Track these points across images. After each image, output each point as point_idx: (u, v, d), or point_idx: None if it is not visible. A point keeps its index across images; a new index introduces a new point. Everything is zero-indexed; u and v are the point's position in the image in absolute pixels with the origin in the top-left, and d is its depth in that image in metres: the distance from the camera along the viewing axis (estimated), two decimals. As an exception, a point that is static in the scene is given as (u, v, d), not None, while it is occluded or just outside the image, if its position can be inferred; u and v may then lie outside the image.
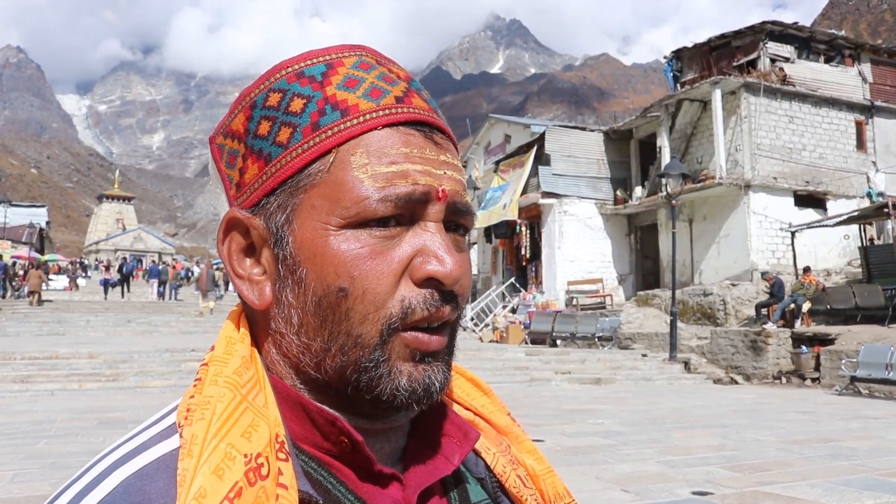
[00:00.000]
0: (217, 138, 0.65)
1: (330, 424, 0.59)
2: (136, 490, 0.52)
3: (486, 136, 34.24)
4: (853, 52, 25.74)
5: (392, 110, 0.60)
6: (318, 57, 0.62)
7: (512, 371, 15.14)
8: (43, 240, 67.70)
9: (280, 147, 0.59)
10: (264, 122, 0.60)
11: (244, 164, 0.61)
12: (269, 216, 0.60)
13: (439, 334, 0.60)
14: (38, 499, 5.16)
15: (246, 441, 0.54)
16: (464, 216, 0.63)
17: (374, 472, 0.60)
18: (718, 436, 8.03)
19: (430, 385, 0.60)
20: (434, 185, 0.59)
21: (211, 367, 0.59)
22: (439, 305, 0.59)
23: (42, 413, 9.76)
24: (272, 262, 0.61)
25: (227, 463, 0.52)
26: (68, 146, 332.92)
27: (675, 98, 24.20)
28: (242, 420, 0.55)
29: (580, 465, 6.58)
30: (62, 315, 24.89)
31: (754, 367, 16.09)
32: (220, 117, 0.64)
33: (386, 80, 0.61)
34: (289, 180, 0.59)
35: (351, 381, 0.59)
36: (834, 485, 5.79)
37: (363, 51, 0.64)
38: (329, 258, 0.58)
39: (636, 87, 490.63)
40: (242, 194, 0.62)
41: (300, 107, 0.59)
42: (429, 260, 0.59)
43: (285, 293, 0.60)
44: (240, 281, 0.62)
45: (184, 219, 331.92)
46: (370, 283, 0.57)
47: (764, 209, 21.77)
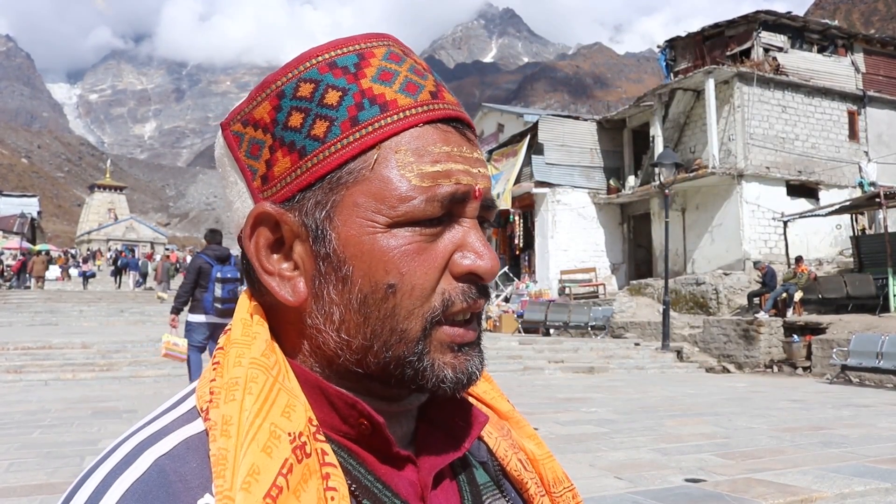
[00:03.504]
0: (233, 125, 0.63)
1: (350, 408, 0.60)
2: (172, 471, 0.53)
3: (480, 126, 34.21)
4: (846, 41, 25.77)
5: (430, 107, 0.60)
6: (347, 46, 0.61)
7: (505, 360, 15.19)
8: (34, 230, 67.43)
9: (317, 141, 0.58)
10: (296, 113, 0.59)
11: (272, 157, 0.60)
12: (307, 212, 0.60)
13: (473, 326, 0.62)
14: (33, 488, 5.16)
15: (287, 420, 0.55)
16: (490, 210, 0.65)
17: (391, 454, 0.61)
18: (711, 424, 8.09)
19: (473, 373, 0.62)
20: (473, 185, 0.60)
21: (231, 349, 0.59)
22: (476, 298, 0.61)
23: (36, 403, 9.74)
24: (308, 259, 0.60)
25: (273, 441, 0.53)
26: (59, 136, 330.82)
27: (668, 87, 24.20)
28: (279, 400, 0.56)
29: (574, 453, 6.62)
30: (55, 305, 24.83)
31: (746, 355, 16.17)
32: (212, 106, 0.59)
33: (417, 73, 0.62)
34: (327, 176, 0.59)
35: (395, 375, 0.60)
36: (825, 472, 5.84)
37: (389, 40, 0.64)
38: (378, 255, 0.58)
39: (629, 76, 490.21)
40: (270, 187, 0.61)
41: (336, 99, 0.59)
42: (468, 255, 0.60)
43: (327, 290, 0.59)
44: (269, 277, 0.61)
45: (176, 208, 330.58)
46: (418, 279, 0.58)
47: (756, 199, 21.83)
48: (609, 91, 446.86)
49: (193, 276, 8.40)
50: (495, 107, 35.78)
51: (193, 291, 8.42)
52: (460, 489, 0.67)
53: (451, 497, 0.65)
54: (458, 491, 0.66)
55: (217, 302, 8.23)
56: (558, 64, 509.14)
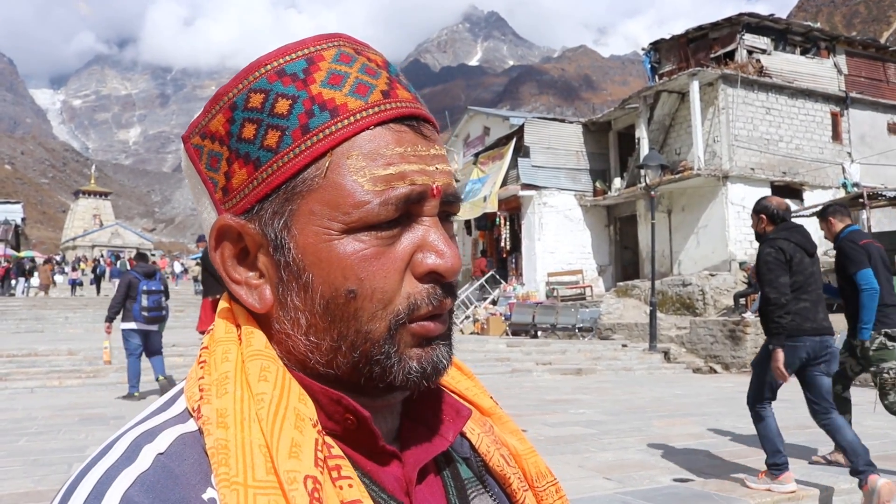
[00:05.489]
0: (192, 138, 0.63)
1: (335, 403, 0.60)
2: (174, 468, 0.54)
3: (465, 129, 34.22)
4: (829, 43, 25.96)
5: (381, 107, 0.59)
6: (296, 52, 0.61)
7: (493, 362, 15.19)
8: (19, 237, 66.84)
9: (269, 151, 0.58)
10: (248, 124, 0.59)
11: (230, 169, 0.60)
12: (265, 222, 0.60)
13: (441, 320, 0.62)
14: (20, 496, 5.13)
15: (304, 406, 0.57)
16: (452, 205, 0.64)
17: (377, 449, 0.61)
18: (698, 424, 8.13)
19: (438, 363, 0.62)
20: (429, 184, 0.60)
21: (217, 347, 0.60)
22: (442, 298, 0.61)
23: (22, 411, 9.66)
24: (271, 267, 0.61)
25: (300, 423, 0.55)
26: (43, 142, 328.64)
27: (653, 90, 24.31)
28: (293, 387, 0.58)
29: (563, 455, 6.64)
30: (40, 312, 24.64)
31: (733, 356, 16.24)
32: (197, 112, 0.61)
33: (369, 73, 0.61)
34: (282, 186, 0.59)
35: (364, 373, 0.60)
36: (811, 469, 5.89)
37: (340, 40, 0.63)
38: (335, 262, 0.58)
39: (614, 78, 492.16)
40: (231, 199, 0.61)
41: (286, 108, 0.58)
42: (429, 255, 0.60)
43: (290, 297, 0.60)
44: (237, 286, 0.62)
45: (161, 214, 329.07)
46: (378, 283, 0.58)
47: (742, 200, 21.94)
48: (594, 93, 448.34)
49: (124, 289, 9.82)
50: (481, 110, 35.78)
51: (125, 303, 9.82)
52: (445, 484, 0.67)
53: (436, 492, 0.66)
54: (442, 486, 0.67)
55: (144, 311, 9.71)
56: (544, 67, 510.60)
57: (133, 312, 9.79)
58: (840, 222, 6.20)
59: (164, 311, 10.11)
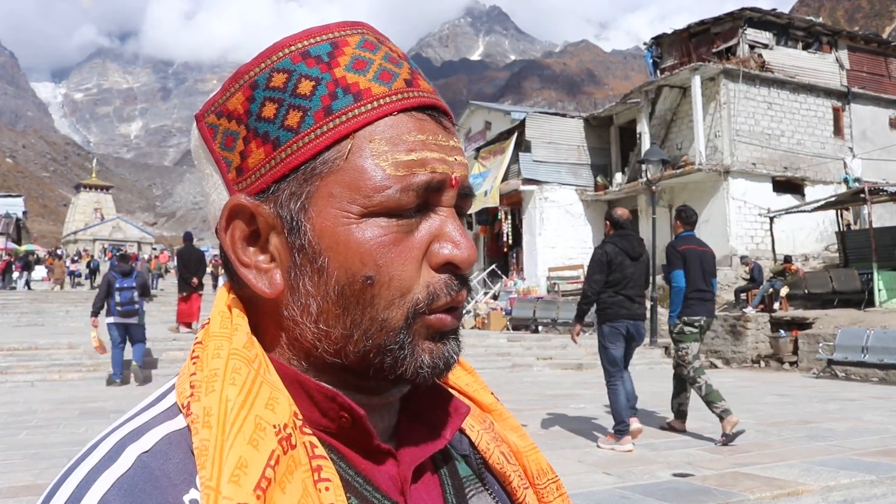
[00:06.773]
0: (207, 117, 0.62)
1: (329, 400, 0.59)
2: (156, 467, 0.52)
3: (467, 123, 34.20)
4: (830, 38, 25.93)
5: (404, 94, 0.59)
6: (321, 35, 0.60)
7: (494, 357, 15.19)
8: (20, 230, 66.89)
9: (290, 132, 0.57)
10: (269, 103, 0.58)
11: (246, 148, 0.59)
12: (281, 203, 0.59)
13: (455, 315, 0.61)
14: (19, 489, 5.13)
15: (271, 412, 0.54)
16: (466, 199, 0.64)
17: (371, 448, 0.61)
18: (698, 419, 8.11)
19: (450, 358, 0.61)
20: (448, 173, 0.60)
21: (210, 342, 0.59)
22: (458, 290, 0.61)
23: (22, 404, 9.67)
24: (284, 250, 0.60)
25: (259, 434, 0.52)
26: (44, 135, 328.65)
27: (654, 84, 24.28)
28: (262, 393, 0.55)
29: (563, 449, 6.64)
30: (41, 306, 24.64)
31: (734, 351, 16.25)
32: (199, 105, 0.59)
33: (392, 62, 0.60)
34: (301, 167, 0.58)
35: (374, 364, 0.59)
36: (811, 465, 5.88)
37: (363, 28, 0.63)
38: (353, 247, 0.57)
39: (616, 73, 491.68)
40: (245, 179, 0.60)
41: (309, 89, 0.58)
42: (446, 245, 0.60)
43: (303, 282, 0.59)
44: (245, 269, 0.60)
45: (163, 208, 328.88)
46: (396, 270, 0.58)
47: (743, 195, 21.93)
48: (597, 88, 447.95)
49: (105, 287, 10.93)
50: (483, 104, 35.74)
51: (106, 299, 10.89)
52: (442, 483, 0.66)
53: (433, 491, 0.65)
54: (439, 484, 0.66)
55: (118, 306, 10.79)
56: (546, 61, 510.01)
57: (111, 307, 10.89)
58: (680, 227, 7.37)
59: (137, 306, 11.04)
